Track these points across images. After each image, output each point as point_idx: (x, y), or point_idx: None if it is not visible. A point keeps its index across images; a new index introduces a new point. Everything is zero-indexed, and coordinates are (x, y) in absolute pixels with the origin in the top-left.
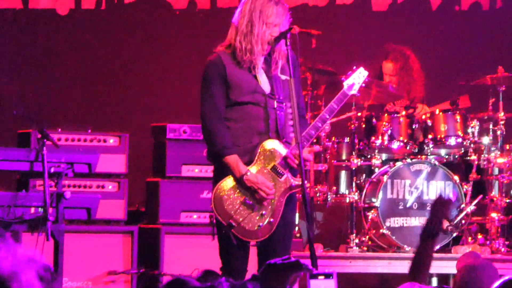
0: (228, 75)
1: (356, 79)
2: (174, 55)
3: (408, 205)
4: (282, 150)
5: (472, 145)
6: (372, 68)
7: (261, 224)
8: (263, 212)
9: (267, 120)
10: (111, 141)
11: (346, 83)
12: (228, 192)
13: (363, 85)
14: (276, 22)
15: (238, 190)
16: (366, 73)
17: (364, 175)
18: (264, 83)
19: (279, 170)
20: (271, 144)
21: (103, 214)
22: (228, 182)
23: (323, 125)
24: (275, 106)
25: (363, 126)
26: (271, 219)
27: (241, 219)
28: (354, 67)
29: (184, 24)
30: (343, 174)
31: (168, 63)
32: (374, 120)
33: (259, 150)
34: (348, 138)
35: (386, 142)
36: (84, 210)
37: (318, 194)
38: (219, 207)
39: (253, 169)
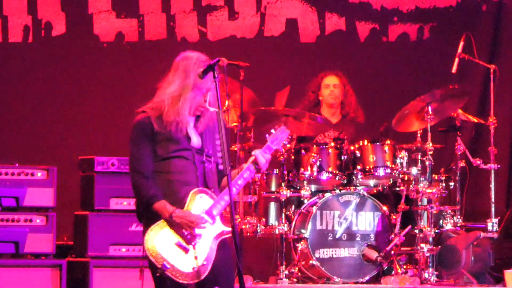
0: (157, 134)
1: (279, 136)
2: (101, 88)
3: (337, 236)
4: (212, 197)
5: (400, 176)
6: (300, 98)
7: (194, 266)
8: (196, 254)
9: (195, 173)
10: (39, 174)
11: (269, 140)
12: (160, 235)
13: (286, 142)
14: (206, 87)
15: (170, 234)
16: (288, 131)
17: (293, 207)
18: (193, 138)
19: (210, 216)
20: (201, 192)
21: (31, 248)
22: (160, 226)
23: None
24: (204, 159)
25: (292, 157)
26: (204, 262)
27: (174, 262)
28: (276, 126)
29: (112, 57)
30: (272, 206)
31: (95, 95)
32: (303, 151)
33: (189, 198)
34: (277, 169)
35: (315, 174)
36: (12, 244)
37: (247, 226)
38: (152, 250)
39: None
